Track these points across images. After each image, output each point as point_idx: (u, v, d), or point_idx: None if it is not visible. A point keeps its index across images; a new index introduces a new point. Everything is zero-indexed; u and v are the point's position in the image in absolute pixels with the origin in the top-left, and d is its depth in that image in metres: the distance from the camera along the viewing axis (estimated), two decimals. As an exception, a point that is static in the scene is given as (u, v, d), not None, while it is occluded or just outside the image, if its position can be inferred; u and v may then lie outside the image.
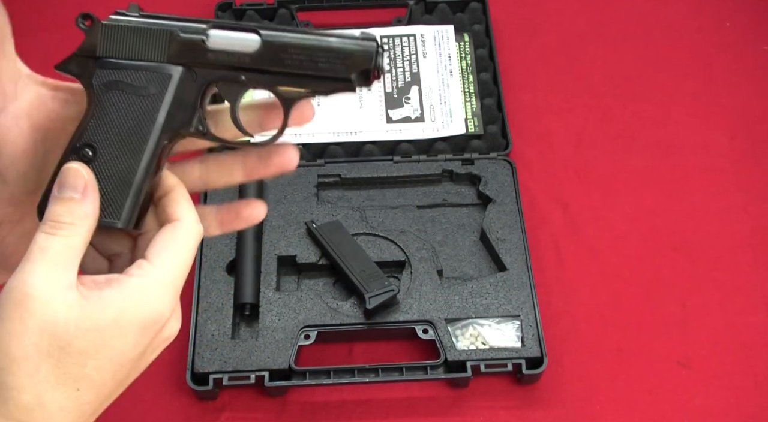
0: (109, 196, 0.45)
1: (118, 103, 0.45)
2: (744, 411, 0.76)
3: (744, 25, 1.03)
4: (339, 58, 0.45)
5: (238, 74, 0.46)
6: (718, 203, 0.89)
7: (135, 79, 0.45)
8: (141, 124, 0.45)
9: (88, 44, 0.46)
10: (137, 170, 0.45)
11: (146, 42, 0.46)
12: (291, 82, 0.46)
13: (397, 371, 0.76)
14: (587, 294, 0.83)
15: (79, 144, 0.45)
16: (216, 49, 0.46)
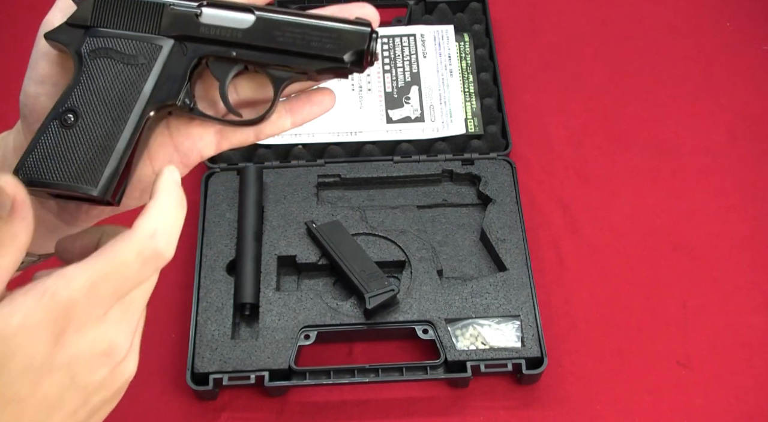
0: (88, 163, 0.44)
1: (105, 70, 0.45)
2: (744, 411, 0.76)
3: (744, 25, 1.03)
4: (332, 37, 0.46)
5: (229, 50, 0.46)
6: (718, 203, 0.89)
7: (124, 48, 0.45)
8: (127, 92, 0.45)
9: (79, 14, 0.46)
10: (119, 138, 0.45)
11: (138, 13, 0.46)
12: (282, 60, 0.46)
13: (397, 371, 0.76)
14: (587, 294, 0.83)
15: (61, 109, 0.45)
16: (209, 24, 0.46)
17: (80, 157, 0.44)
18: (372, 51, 0.46)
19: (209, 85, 0.49)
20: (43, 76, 0.47)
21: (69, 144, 0.44)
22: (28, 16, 1.05)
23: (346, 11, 0.47)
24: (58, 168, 0.44)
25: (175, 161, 0.48)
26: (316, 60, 0.46)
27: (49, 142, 0.44)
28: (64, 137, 0.44)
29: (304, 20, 0.46)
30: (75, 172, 0.44)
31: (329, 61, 0.46)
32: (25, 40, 1.08)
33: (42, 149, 0.44)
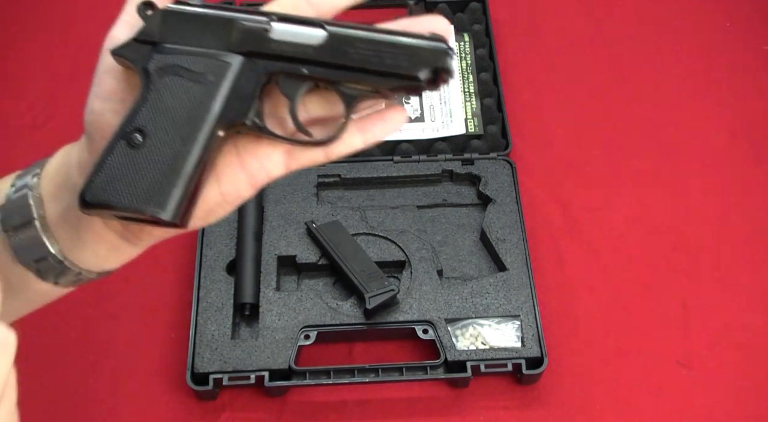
0: (156, 185, 0.42)
1: (173, 87, 0.44)
2: (744, 411, 0.76)
3: (744, 25, 1.03)
4: (407, 54, 0.44)
5: (300, 67, 0.44)
6: (718, 203, 0.89)
7: (193, 65, 0.44)
8: (196, 111, 0.43)
9: (146, 30, 0.44)
10: (187, 158, 0.43)
11: (207, 29, 0.44)
12: (355, 77, 0.44)
13: (397, 371, 0.76)
14: (587, 294, 0.83)
15: (129, 128, 0.43)
16: (279, 40, 0.44)
17: (148, 178, 0.42)
18: (447, 68, 0.44)
19: (277, 102, 0.47)
20: (109, 93, 0.45)
21: (137, 164, 0.43)
22: (28, 16, 1.05)
23: (418, 24, 0.46)
24: (125, 189, 0.42)
25: (242, 181, 0.46)
26: (391, 78, 0.44)
27: (116, 163, 0.43)
28: (132, 157, 0.43)
29: (378, 36, 0.44)
30: (143, 194, 0.42)
31: (404, 79, 0.44)
32: (28, 40, 1.08)
33: (109, 169, 0.43)
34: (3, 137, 0.94)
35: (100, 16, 1.09)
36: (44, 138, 0.94)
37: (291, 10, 0.45)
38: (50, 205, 0.47)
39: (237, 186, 0.46)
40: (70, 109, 0.97)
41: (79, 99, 1.08)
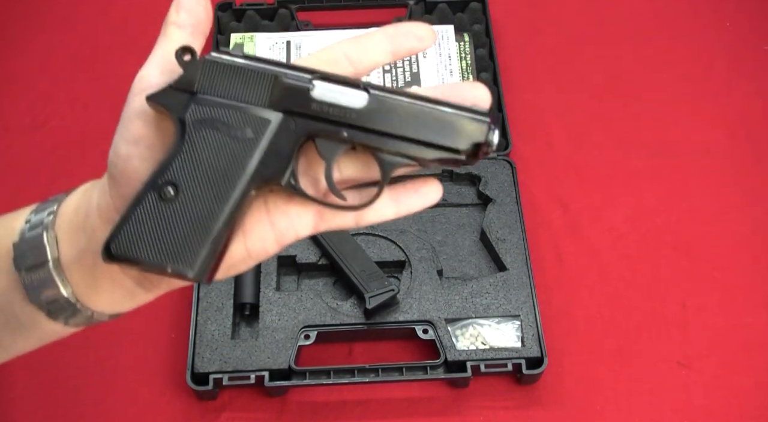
0: (186, 242, 0.41)
1: (210, 141, 0.42)
2: (744, 411, 0.76)
3: (744, 25, 1.03)
4: (451, 126, 0.43)
5: (340, 129, 0.43)
6: (718, 203, 0.89)
7: (232, 119, 0.42)
8: (231, 167, 0.42)
9: (185, 78, 0.43)
10: (219, 216, 0.42)
11: (248, 83, 0.43)
12: (396, 145, 0.43)
13: (397, 371, 0.76)
14: (587, 294, 0.83)
15: (161, 180, 0.41)
16: (321, 100, 0.43)
17: (178, 234, 0.41)
18: (490, 142, 0.43)
19: (311, 160, 0.46)
20: (137, 137, 0.43)
21: (167, 219, 0.41)
22: (29, 16, 1.05)
23: (458, 91, 0.45)
24: (153, 244, 0.41)
25: (270, 239, 0.45)
26: (432, 149, 0.43)
27: (145, 216, 0.41)
28: (163, 211, 0.41)
29: (422, 105, 0.43)
30: (171, 251, 0.41)
31: (445, 151, 0.43)
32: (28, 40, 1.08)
33: (137, 222, 0.41)
34: (3, 137, 0.94)
35: (100, 16, 1.09)
36: (44, 138, 0.94)
37: (329, 65, 0.44)
38: (66, 246, 0.45)
39: (264, 243, 0.45)
40: (70, 109, 0.97)
41: (79, 99, 1.09)
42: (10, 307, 0.46)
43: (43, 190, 0.90)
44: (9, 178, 0.91)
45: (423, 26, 0.45)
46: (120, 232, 0.41)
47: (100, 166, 1.00)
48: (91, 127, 0.95)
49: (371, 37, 0.45)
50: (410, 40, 0.45)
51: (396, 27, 0.45)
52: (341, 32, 0.98)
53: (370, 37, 0.45)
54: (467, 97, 0.45)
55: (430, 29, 0.46)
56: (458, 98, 0.45)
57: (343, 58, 0.45)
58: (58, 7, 1.05)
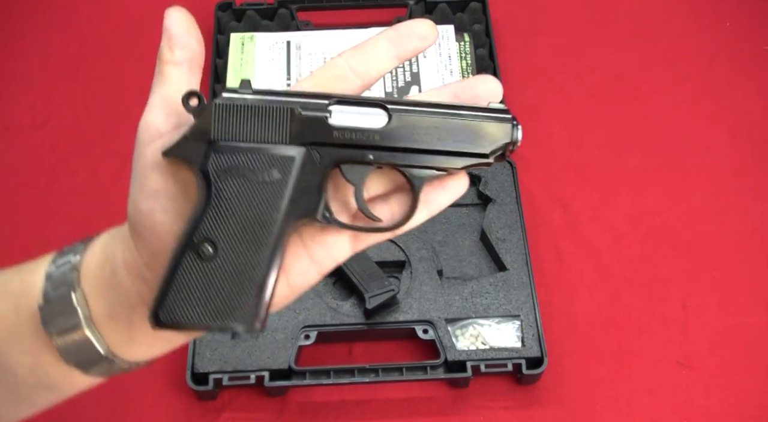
0: (234, 297, 0.40)
1: (238, 190, 0.41)
2: (744, 411, 0.76)
3: (744, 25, 1.03)
4: (476, 132, 0.42)
5: (365, 153, 0.42)
6: (718, 203, 0.89)
7: (256, 163, 0.41)
8: (265, 213, 0.41)
9: (199, 126, 0.41)
10: (261, 264, 0.41)
11: (265, 121, 0.41)
12: (423, 159, 0.42)
13: (397, 371, 0.76)
14: (587, 294, 0.83)
15: (196, 238, 0.40)
16: (341, 126, 0.42)
17: (224, 291, 0.40)
18: (516, 141, 0.43)
19: (337, 184, 0.45)
20: (156, 190, 0.42)
21: (210, 278, 0.40)
22: (29, 16, 1.05)
23: (469, 87, 0.44)
24: (201, 306, 0.40)
25: (311, 271, 0.44)
26: (459, 157, 0.42)
27: (187, 278, 0.40)
28: (204, 271, 0.40)
29: (441, 113, 0.42)
30: (220, 309, 0.40)
31: (473, 158, 0.42)
32: (28, 40, 1.08)
33: (181, 286, 0.40)
34: (3, 137, 0.94)
35: (100, 16, 1.09)
36: (44, 138, 0.94)
37: (335, 82, 0.43)
38: (95, 303, 0.44)
39: (305, 276, 0.44)
40: (70, 109, 0.97)
41: (79, 99, 1.08)
42: (41, 369, 0.45)
43: (43, 189, 0.90)
44: (9, 178, 0.91)
45: (423, 23, 0.45)
46: (165, 299, 0.40)
47: (100, 166, 1.01)
48: (91, 127, 0.95)
49: (374, 44, 0.44)
50: (413, 41, 0.45)
51: (396, 29, 0.45)
52: (341, 32, 0.98)
53: (372, 45, 0.44)
54: (479, 92, 0.44)
55: (431, 25, 0.45)
56: (470, 95, 0.44)
57: (348, 72, 0.44)
58: (58, 7, 1.05)
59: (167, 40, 0.42)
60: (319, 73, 0.44)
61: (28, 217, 0.88)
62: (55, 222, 0.88)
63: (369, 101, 0.42)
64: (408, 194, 0.45)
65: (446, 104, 0.43)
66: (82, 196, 0.90)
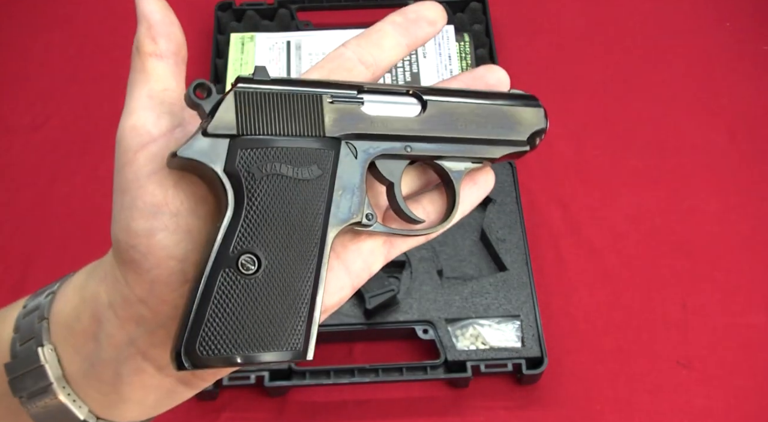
0: (283, 318, 0.34)
1: (278, 191, 0.35)
2: (744, 411, 0.76)
3: (744, 25, 1.03)
4: (512, 119, 0.40)
5: (404, 145, 0.38)
6: (718, 203, 0.89)
7: (292, 159, 0.35)
8: (307, 215, 0.35)
9: (220, 120, 0.35)
10: (309, 277, 0.35)
11: (295, 111, 0.36)
12: (463, 149, 0.39)
13: (397, 371, 0.76)
14: (587, 294, 0.83)
15: (234, 252, 0.34)
16: (377, 116, 0.37)
17: (273, 311, 0.34)
18: (546, 127, 0.42)
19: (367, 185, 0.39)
20: (156, 205, 0.34)
21: (256, 297, 0.34)
22: (29, 16, 1.05)
23: (480, 78, 0.42)
24: (246, 332, 0.33)
25: (347, 285, 0.39)
26: (498, 145, 0.40)
27: (228, 300, 0.33)
28: (248, 289, 0.34)
29: (475, 101, 0.40)
30: (269, 335, 0.34)
31: (512, 146, 0.40)
32: (28, 40, 1.08)
33: (221, 311, 0.33)
34: (3, 137, 0.94)
35: (100, 16, 1.09)
36: (44, 138, 0.94)
37: (343, 73, 0.39)
38: (70, 359, 0.37)
39: (341, 292, 0.39)
40: (70, 109, 0.97)
41: (79, 99, 1.08)
42: None
43: (43, 190, 0.90)
44: (9, 178, 0.91)
45: (431, 6, 0.41)
46: (201, 330, 0.33)
47: (100, 166, 1.01)
48: (91, 127, 0.95)
49: (381, 32, 0.40)
50: (423, 27, 0.41)
51: (404, 15, 0.41)
52: (341, 32, 0.98)
53: (380, 34, 0.40)
54: (490, 82, 0.42)
55: (439, 8, 0.41)
56: (482, 85, 0.42)
57: (356, 63, 0.40)
58: (58, 7, 1.05)
59: (147, 28, 0.37)
60: (325, 64, 0.40)
61: (28, 217, 0.88)
62: (55, 222, 0.88)
63: (399, 90, 0.39)
64: (438, 191, 0.41)
65: (476, 91, 0.41)
66: (82, 196, 0.90)
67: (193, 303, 0.33)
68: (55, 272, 0.85)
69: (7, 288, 0.82)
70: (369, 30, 0.41)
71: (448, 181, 0.40)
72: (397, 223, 0.40)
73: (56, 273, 0.79)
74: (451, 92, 0.40)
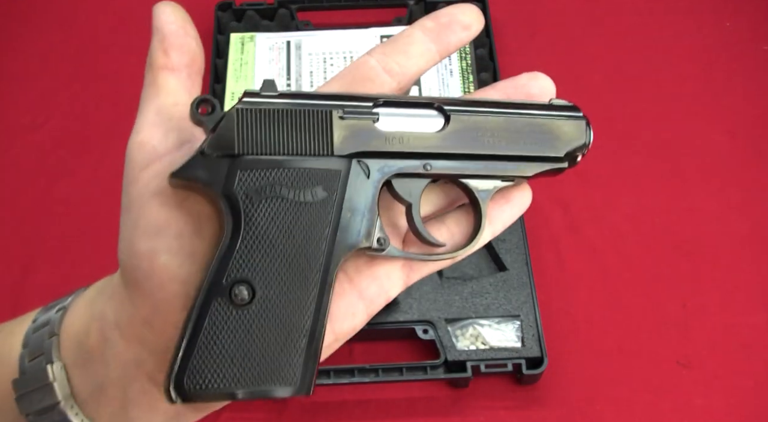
0: (277, 353, 0.32)
1: (275, 215, 0.33)
2: (744, 411, 0.76)
3: (744, 25, 1.03)
4: (548, 134, 0.36)
5: (422, 163, 0.35)
6: (718, 203, 0.89)
7: (294, 181, 0.33)
8: (309, 241, 0.33)
9: (219, 139, 0.33)
10: (309, 308, 0.33)
11: (301, 129, 0.33)
12: (490, 167, 0.36)
13: (397, 371, 0.76)
14: (587, 294, 0.83)
15: (227, 281, 0.32)
16: (393, 132, 0.35)
17: (266, 345, 0.32)
18: (590, 141, 0.38)
19: (382, 205, 0.37)
20: (159, 226, 0.33)
21: (248, 329, 0.32)
22: (29, 16, 1.05)
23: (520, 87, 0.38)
24: (238, 367, 0.32)
25: (360, 311, 0.37)
26: (532, 162, 0.36)
27: (218, 332, 0.32)
28: (241, 320, 0.32)
29: (506, 112, 0.36)
30: (263, 369, 0.32)
31: (546, 163, 0.37)
32: (28, 40, 1.08)
33: (210, 343, 0.32)
34: (3, 137, 0.94)
35: (100, 16, 1.09)
36: (44, 138, 0.94)
37: (364, 83, 0.36)
38: (79, 377, 0.36)
39: (354, 319, 0.37)
40: (70, 109, 0.97)
41: (79, 99, 1.08)
42: None
43: (43, 189, 0.90)
44: (9, 178, 0.91)
45: (466, 9, 0.37)
46: (189, 362, 0.31)
47: (100, 167, 1.01)
48: (91, 127, 0.95)
49: (409, 38, 0.37)
50: (456, 32, 0.37)
51: (436, 19, 0.38)
52: (341, 32, 0.98)
53: (408, 40, 0.37)
54: (532, 91, 0.39)
55: (475, 10, 0.38)
56: (523, 95, 0.38)
57: (380, 72, 0.36)
58: (58, 7, 1.05)
59: (159, 41, 0.35)
60: (348, 74, 0.37)
61: (28, 217, 0.88)
62: (55, 222, 0.88)
63: (420, 102, 0.36)
64: (466, 210, 0.38)
65: (508, 102, 0.37)
66: (82, 196, 0.90)
67: (186, 333, 0.32)
68: (55, 272, 0.86)
69: (7, 289, 0.82)
70: (397, 35, 0.38)
71: (475, 200, 0.37)
72: (417, 246, 0.38)
73: (56, 274, 0.79)
74: (479, 103, 0.37)
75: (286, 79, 0.95)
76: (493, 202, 0.38)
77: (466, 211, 0.38)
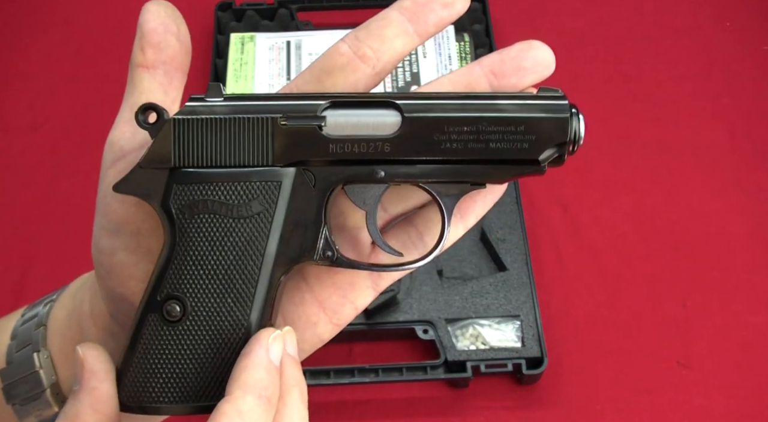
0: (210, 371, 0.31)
1: (209, 231, 0.31)
2: (744, 411, 0.76)
3: (744, 25, 1.03)
4: (520, 130, 0.32)
5: (373, 169, 0.32)
6: (718, 203, 0.89)
7: (230, 195, 0.32)
8: (245, 257, 0.32)
9: (156, 151, 0.32)
10: (246, 324, 0.32)
11: (240, 138, 0.32)
12: (452, 172, 0.32)
13: (397, 371, 0.76)
14: (587, 294, 0.83)
15: (160, 296, 0.31)
16: (340, 137, 0.32)
17: (198, 363, 0.31)
18: (577, 137, 0.34)
19: (344, 210, 0.35)
20: (118, 224, 0.34)
21: (180, 347, 0.31)
22: (29, 16, 1.05)
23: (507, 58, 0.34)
24: (170, 385, 0.31)
25: (323, 322, 0.35)
26: (503, 167, 0.32)
27: (150, 348, 0.31)
28: (171, 338, 0.31)
29: (476, 106, 0.32)
30: (194, 388, 0.32)
31: (519, 166, 0.33)
32: (28, 40, 1.08)
33: (143, 359, 0.31)
34: (3, 137, 0.94)
35: (100, 16, 1.09)
36: (44, 138, 0.94)
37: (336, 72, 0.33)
38: (65, 367, 0.36)
39: (316, 330, 0.35)
40: (70, 109, 0.97)
41: (79, 99, 1.08)
42: None
43: (43, 190, 0.90)
44: (9, 178, 0.91)
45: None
46: (126, 377, 0.31)
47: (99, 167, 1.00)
48: (91, 127, 0.95)
49: (384, 21, 0.33)
50: (436, 11, 0.33)
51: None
52: (341, 32, 0.98)
53: (383, 22, 0.33)
54: (525, 64, 0.35)
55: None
56: (512, 68, 0.34)
57: (352, 59, 0.33)
58: (58, 7, 1.05)
59: (138, 38, 0.35)
60: (316, 66, 0.34)
61: (28, 217, 0.88)
62: (55, 222, 0.88)
63: (375, 99, 0.33)
64: (436, 210, 0.35)
65: (478, 94, 0.33)
66: (82, 196, 0.90)
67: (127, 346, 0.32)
68: (55, 272, 0.86)
69: (7, 288, 0.82)
70: (372, 18, 0.34)
71: (439, 205, 0.34)
72: (383, 253, 0.35)
73: (56, 274, 0.79)
74: (441, 98, 0.33)
75: (286, 79, 0.95)
76: (469, 197, 0.35)
77: (435, 210, 0.35)
